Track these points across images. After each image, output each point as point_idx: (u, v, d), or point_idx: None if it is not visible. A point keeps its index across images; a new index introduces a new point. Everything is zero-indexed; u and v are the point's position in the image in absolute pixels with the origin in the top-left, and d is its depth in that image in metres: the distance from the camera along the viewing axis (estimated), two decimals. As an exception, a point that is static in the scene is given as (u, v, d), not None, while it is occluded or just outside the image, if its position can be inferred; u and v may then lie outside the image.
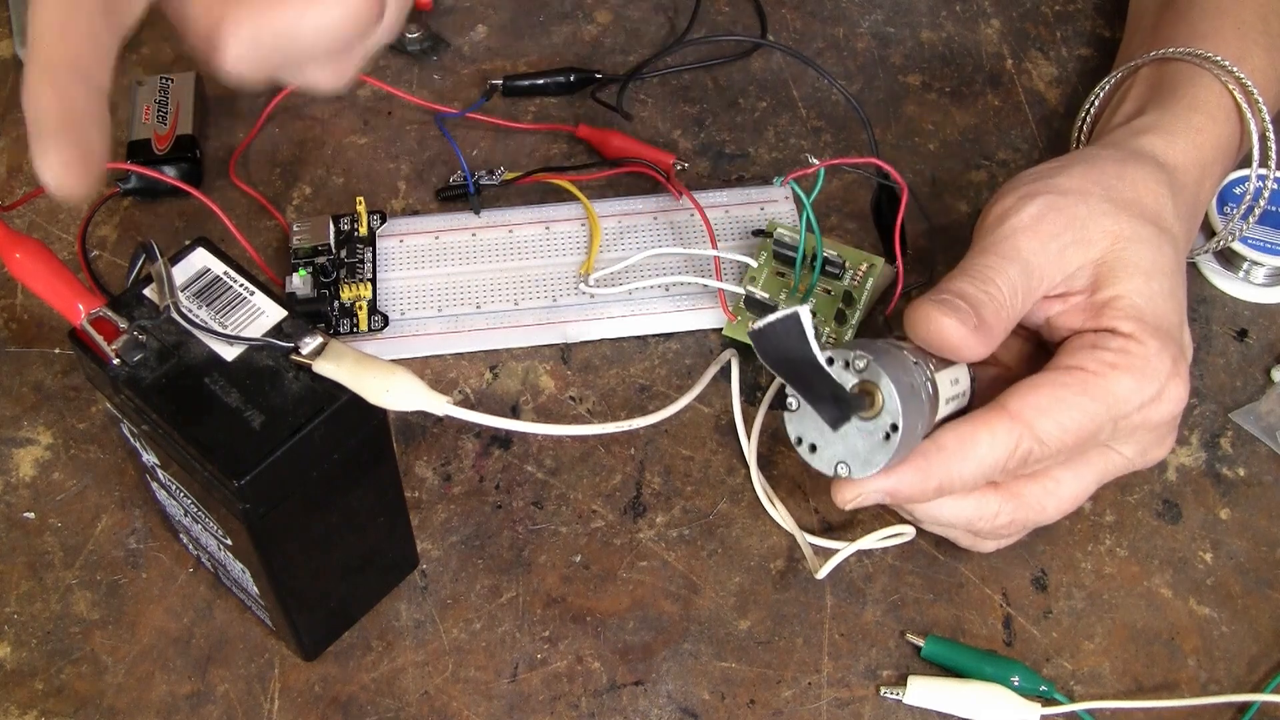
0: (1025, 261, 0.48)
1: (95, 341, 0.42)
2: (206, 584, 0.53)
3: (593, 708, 0.50)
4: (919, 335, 0.47)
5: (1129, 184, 0.51)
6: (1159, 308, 0.49)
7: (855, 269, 0.59)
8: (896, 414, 0.44)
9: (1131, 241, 0.49)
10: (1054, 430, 0.47)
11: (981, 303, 0.47)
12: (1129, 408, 0.47)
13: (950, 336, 0.46)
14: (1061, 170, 0.51)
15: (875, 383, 0.44)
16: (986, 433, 0.46)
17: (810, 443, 0.46)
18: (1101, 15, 0.72)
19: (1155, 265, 0.49)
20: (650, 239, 0.62)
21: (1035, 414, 0.47)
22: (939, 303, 0.47)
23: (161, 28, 0.71)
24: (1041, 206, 0.49)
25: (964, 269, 0.49)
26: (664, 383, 0.59)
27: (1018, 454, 0.47)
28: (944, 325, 0.46)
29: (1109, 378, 0.47)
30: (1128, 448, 0.50)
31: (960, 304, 0.47)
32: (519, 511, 0.55)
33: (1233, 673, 0.51)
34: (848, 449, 0.45)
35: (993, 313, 0.47)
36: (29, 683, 0.50)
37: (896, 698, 0.50)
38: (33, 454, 0.56)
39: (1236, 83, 0.56)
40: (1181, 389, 0.48)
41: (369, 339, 0.59)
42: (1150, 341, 0.48)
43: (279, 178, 0.65)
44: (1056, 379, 0.47)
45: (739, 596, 0.53)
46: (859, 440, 0.45)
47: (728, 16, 0.72)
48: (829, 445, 0.46)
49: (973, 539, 0.52)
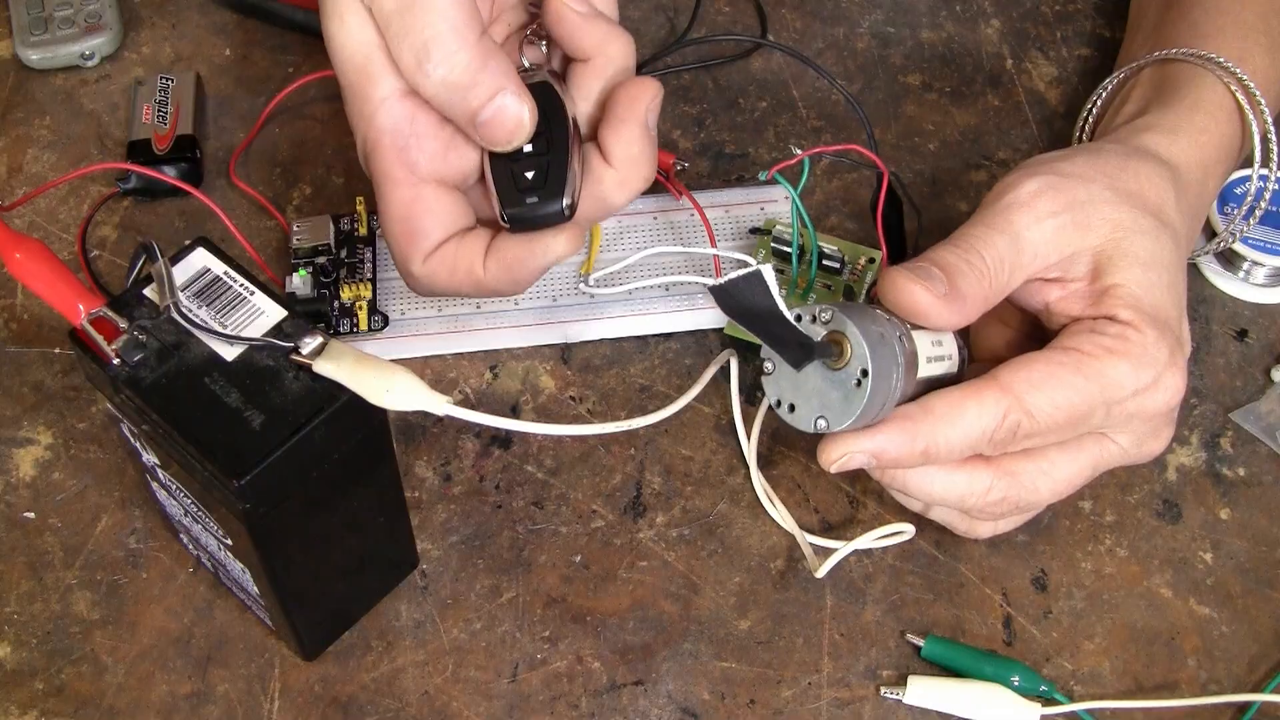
0: (1016, 234, 0.48)
1: (95, 341, 0.42)
2: (206, 584, 0.53)
3: (593, 708, 0.50)
4: (887, 300, 0.47)
5: (1132, 176, 0.51)
6: (1158, 299, 0.49)
7: (854, 263, 0.59)
8: (865, 359, 0.44)
9: (1132, 231, 0.49)
10: (1045, 405, 0.47)
11: (960, 271, 0.47)
12: (1123, 393, 0.47)
13: (918, 301, 0.46)
14: (1066, 157, 0.52)
15: (842, 331, 0.44)
16: (975, 401, 0.46)
17: (789, 402, 0.46)
18: (1101, 15, 0.72)
19: (1155, 257, 0.49)
20: (650, 239, 0.62)
21: (1027, 387, 0.47)
22: (909, 268, 0.47)
23: (161, 27, 0.71)
24: (1041, 184, 0.49)
25: (951, 237, 0.49)
26: (664, 383, 0.59)
27: (1005, 424, 0.46)
28: (910, 290, 0.46)
29: (1104, 360, 0.47)
30: (1123, 437, 0.50)
31: (933, 271, 0.47)
32: (519, 511, 0.55)
33: (1233, 673, 0.51)
34: (824, 403, 0.45)
35: (971, 282, 0.47)
36: (29, 683, 0.50)
37: (896, 698, 0.50)
38: (33, 454, 0.56)
39: (1238, 83, 0.56)
40: (1178, 380, 0.48)
41: (369, 339, 0.59)
42: (1148, 330, 0.48)
43: (279, 178, 0.65)
44: (1051, 357, 0.48)
45: (739, 596, 0.53)
46: (833, 391, 0.45)
47: (728, 17, 0.72)
48: (806, 401, 0.46)
49: (968, 522, 0.51)
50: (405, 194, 0.51)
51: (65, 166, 0.65)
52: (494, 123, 0.49)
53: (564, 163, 0.50)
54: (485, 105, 0.49)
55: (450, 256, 0.51)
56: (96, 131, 0.67)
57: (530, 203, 0.50)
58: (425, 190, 0.51)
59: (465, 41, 0.48)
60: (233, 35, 0.71)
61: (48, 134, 0.67)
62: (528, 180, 0.50)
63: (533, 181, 0.50)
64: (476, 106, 0.49)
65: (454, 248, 0.51)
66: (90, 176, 0.65)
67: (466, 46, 0.48)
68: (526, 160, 0.50)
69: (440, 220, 0.51)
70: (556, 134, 0.50)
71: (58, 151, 0.66)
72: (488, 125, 0.49)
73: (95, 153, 0.66)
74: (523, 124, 0.49)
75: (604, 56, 0.52)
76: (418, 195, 0.51)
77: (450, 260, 0.51)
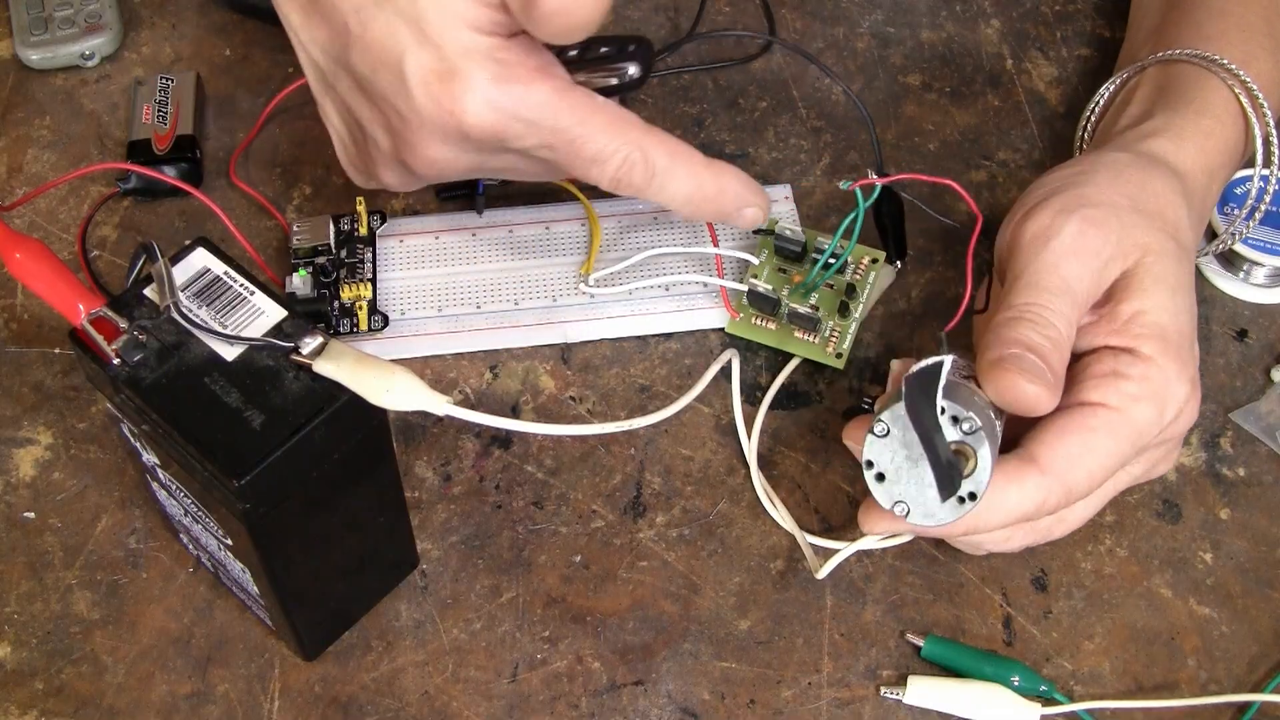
0: (1074, 292, 0.48)
1: (95, 341, 0.42)
2: (206, 584, 0.53)
3: (593, 708, 0.50)
4: (1003, 400, 0.47)
5: (1152, 195, 0.51)
6: (1181, 324, 0.49)
7: (857, 263, 0.59)
8: (981, 486, 0.44)
9: (1159, 255, 0.49)
10: (1083, 479, 0.47)
11: (1047, 352, 0.47)
12: (1150, 436, 0.48)
13: (1039, 404, 0.46)
14: (1086, 179, 0.51)
15: (975, 449, 0.44)
16: (1016, 486, 0.47)
17: (879, 471, 0.46)
18: (1101, 15, 0.72)
19: (1178, 280, 0.50)
20: (650, 239, 0.62)
21: (1066, 465, 0.47)
22: (1019, 367, 0.46)
23: (161, 27, 0.71)
24: (1080, 223, 0.49)
25: (1020, 311, 0.48)
26: (664, 383, 0.59)
27: (1045, 507, 0.47)
28: (1030, 393, 0.46)
29: (1131, 411, 0.47)
30: (1137, 465, 0.50)
31: (1036, 363, 0.46)
32: (519, 511, 0.55)
33: (1233, 673, 0.51)
34: (916, 493, 0.45)
35: (1059, 359, 0.47)
36: (29, 683, 0.50)
37: (896, 698, 0.50)
38: (33, 454, 0.56)
39: (1242, 86, 0.56)
40: (1195, 408, 0.49)
41: (369, 339, 0.59)
42: (1170, 365, 0.48)
43: (279, 178, 0.65)
44: (1083, 422, 0.47)
45: (739, 596, 0.53)
46: (930, 490, 0.45)
47: (728, 17, 0.72)
48: (898, 482, 0.45)
49: (972, 546, 0.52)
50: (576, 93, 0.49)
51: (65, 166, 0.66)
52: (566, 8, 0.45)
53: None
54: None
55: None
56: (96, 131, 0.67)
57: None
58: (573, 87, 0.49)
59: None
60: (233, 35, 0.71)
61: (48, 134, 0.67)
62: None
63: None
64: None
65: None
66: (90, 176, 0.65)
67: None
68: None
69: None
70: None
71: (58, 151, 0.66)
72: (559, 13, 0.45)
73: (95, 153, 0.66)
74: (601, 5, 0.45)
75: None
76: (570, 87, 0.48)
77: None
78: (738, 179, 0.52)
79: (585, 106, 0.48)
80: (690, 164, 0.51)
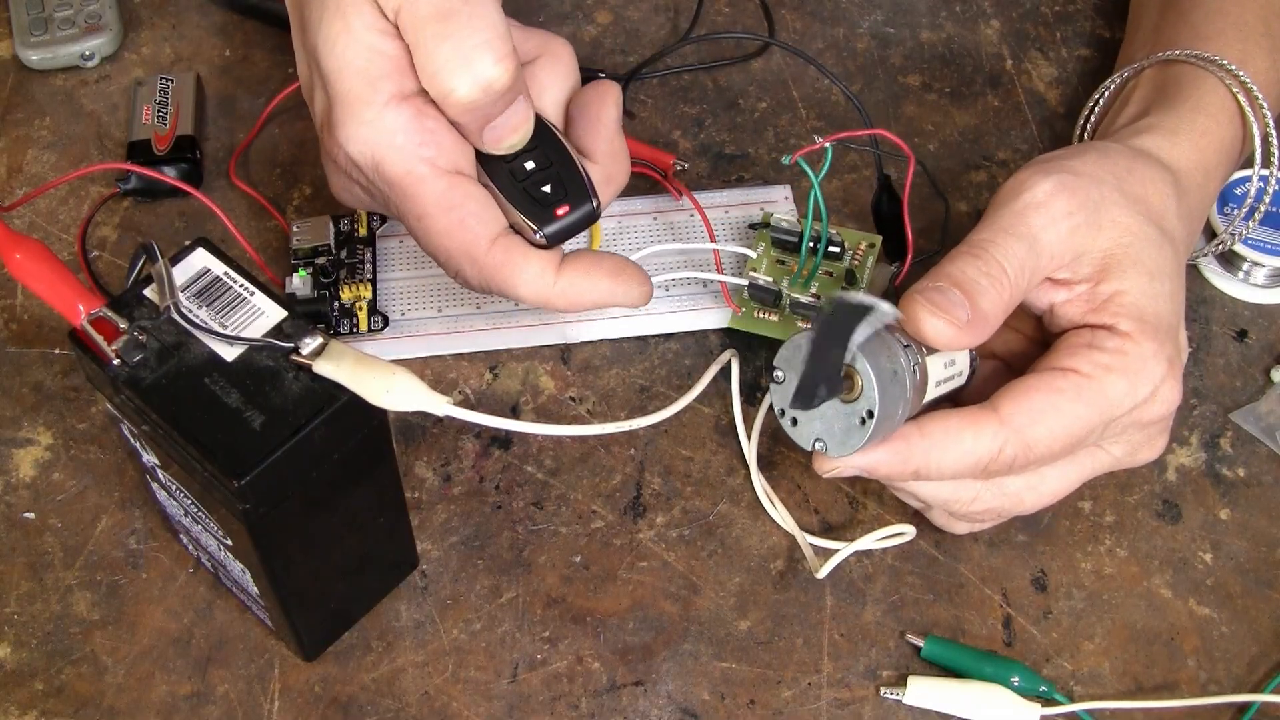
0: (1034, 238, 0.48)
1: (95, 342, 0.42)
2: (206, 584, 0.53)
3: (593, 708, 0.50)
4: (909, 329, 0.47)
5: (1138, 180, 0.51)
6: (1160, 308, 0.49)
7: (855, 249, 0.59)
8: (873, 401, 0.44)
9: (1139, 238, 0.49)
10: (1044, 436, 0.47)
11: (981, 289, 0.47)
12: (1120, 410, 0.47)
13: (940, 335, 0.46)
14: (1076, 155, 0.51)
15: (856, 368, 0.45)
16: (972, 430, 0.46)
17: (792, 416, 0.47)
18: (1101, 15, 0.72)
19: (1159, 265, 0.49)
20: (649, 239, 0.62)
21: (1026, 420, 0.46)
22: (930, 301, 0.46)
23: (161, 28, 0.71)
24: (1055, 184, 0.49)
25: (970, 244, 0.48)
26: (664, 383, 0.59)
27: (1001, 458, 0.47)
28: (932, 325, 0.46)
29: (1103, 381, 0.47)
30: (1117, 447, 0.50)
31: (953, 295, 0.46)
32: (519, 512, 0.55)
33: (1233, 673, 0.51)
34: (826, 427, 0.46)
35: (993, 298, 0.47)
36: (29, 683, 0.50)
37: (896, 698, 0.50)
38: (33, 454, 0.56)
39: (1240, 85, 0.56)
40: (1175, 391, 0.49)
41: (369, 339, 0.59)
42: (1146, 343, 0.48)
43: (279, 178, 0.65)
44: (1050, 382, 0.47)
45: (739, 597, 0.53)
46: (837, 420, 0.46)
47: (727, 17, 0.72)
48: (809, 421, 0.46)
49: (947, 519, 0.52)
50: (439, 185, 0.50)
51: (65, 167, 0.66)
52: (504, 125, 0.50)
53: (572, 165, 0.51)
54: (506, 109, 0.49)
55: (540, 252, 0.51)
56: (96, 132, 0.67)
57: (561, 214, 0.51)
58: (458, 179, 0.50)
59: (510, 48, 0.48)
60: (233, 36, 0.71)
61: (48, 134, 0.67)
62: (547, 194, 0.51)
63: (553, 194, 0.51)
64: (502, 108, 0.49)
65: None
66: (90, 177, 0.65)
67: (513, 53, 0.48)
68: (537, 176, 0.51)
69: (488, 205, 0.51)
70: (547, 143, 0.51)
71: (58, 152, 0.66)
72: (497, 128, 0.49)
73: (95, 153, 0.66)
74: (529, 122, 0.50)
75: (550, 55, 0.53)
76: (454, 183, 0.50)
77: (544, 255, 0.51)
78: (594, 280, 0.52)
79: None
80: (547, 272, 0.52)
